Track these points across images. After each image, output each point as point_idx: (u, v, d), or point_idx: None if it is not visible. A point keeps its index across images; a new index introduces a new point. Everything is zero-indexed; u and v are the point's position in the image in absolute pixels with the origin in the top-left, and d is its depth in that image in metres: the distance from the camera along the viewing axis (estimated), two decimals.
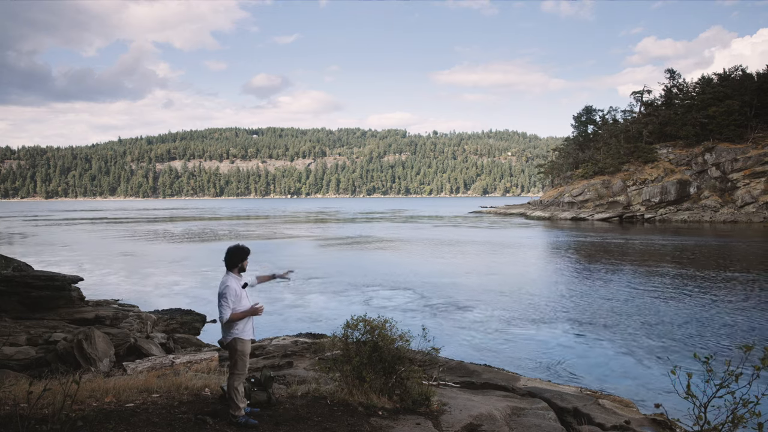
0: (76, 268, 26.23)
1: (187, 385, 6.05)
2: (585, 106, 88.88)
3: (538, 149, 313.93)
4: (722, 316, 15.23)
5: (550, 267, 26.30)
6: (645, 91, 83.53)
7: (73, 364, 8.48)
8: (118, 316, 11.15)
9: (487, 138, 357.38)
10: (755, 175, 61.72)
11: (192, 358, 8.88)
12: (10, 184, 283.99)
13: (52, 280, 10.74)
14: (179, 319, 13.64)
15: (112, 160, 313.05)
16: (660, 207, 64.86)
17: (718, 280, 21.19)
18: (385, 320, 6.10)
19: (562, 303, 17.53)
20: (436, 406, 5.90)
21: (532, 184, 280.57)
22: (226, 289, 5.01)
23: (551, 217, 70.36)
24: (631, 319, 15.19)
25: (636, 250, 32.18)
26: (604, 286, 20.47)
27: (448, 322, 15.16)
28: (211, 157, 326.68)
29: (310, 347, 10.24)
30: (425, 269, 25.54)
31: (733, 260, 27.29)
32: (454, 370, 8.75)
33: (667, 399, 8.56)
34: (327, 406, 5.58)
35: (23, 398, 4.99)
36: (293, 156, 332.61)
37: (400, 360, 5.95)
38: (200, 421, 4.95)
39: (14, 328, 9.44)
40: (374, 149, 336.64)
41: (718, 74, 78.28)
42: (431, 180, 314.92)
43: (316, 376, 7.51)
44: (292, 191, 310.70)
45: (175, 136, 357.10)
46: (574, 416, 6.47)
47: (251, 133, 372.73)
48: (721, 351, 11.84)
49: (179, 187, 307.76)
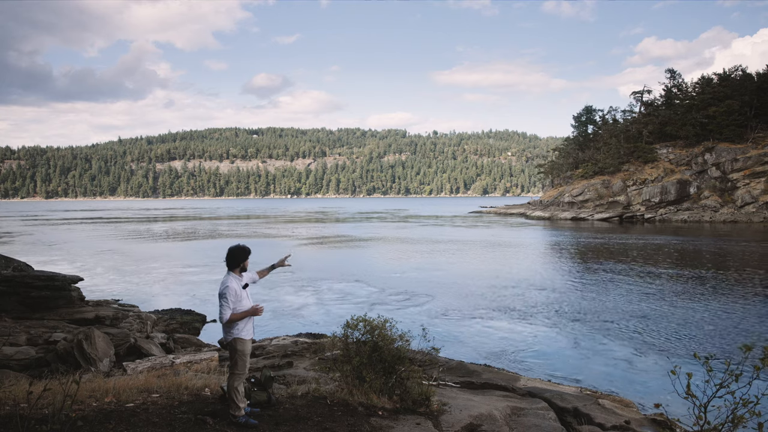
0: (76, 268, 26.23)
1: (187, 385, 6.04)
2: (585, 106, 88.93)
3: (538, 149, 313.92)
4: (722, 316, 15.22)
5: (550, 267, 26.29)
6: (645, 91, 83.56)
7: (73, 364, 8.48)
8: (118, 316, 11.14)
9: (487, 138, 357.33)
10: (755, 175, 61.72)
11: (192, 358, 8.88)
12: (10, 184, 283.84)
13: (52, 280, 10.74)
14: (179, 319, 13.64)
15: (112, 160, 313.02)
16: (660, 207, 64.85)
17: (718, 280, 21.18)
18: (385, 320, 6.11)
19: (563, 303, 17.53)
20: (436, 406, 5.90)
21: (532, 184, 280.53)
22: (227, 290, 5.01)
23: (551, 217, 70.35)
24: (631, 319, 15.19)
25: (636, 251, 32.17)
26: (604, 286, 20.47)
27: (448, 322, 15.16)
28: (211, 157, 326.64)
29: (310, 347, 10.24)
30: (425, 269, 25.53)
31: (733, 260, 27.28)
32: (454, 370, 8.76)
33: (667, 399, 8.56)
34: (327, 406, 5.58)
35: (23, 398, 4.99)
36: (293, 156, 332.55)
37: (400, 360, 5.95)
38: (200, 421, 4.95)
39: (14, 328, 9.44)
40: (374, 149, 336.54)
41: (718, 74, 78.28)
42: (431, 180, 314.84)
43: (316, 376, 7.51)
44: (292, 191, 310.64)
45: (175, 136, 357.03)
46: (574, 416, 6.47)
47: (251, 133, 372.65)
48: (721, 351, 11.83)
49: (179, 187, 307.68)
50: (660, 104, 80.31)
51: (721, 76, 77.46)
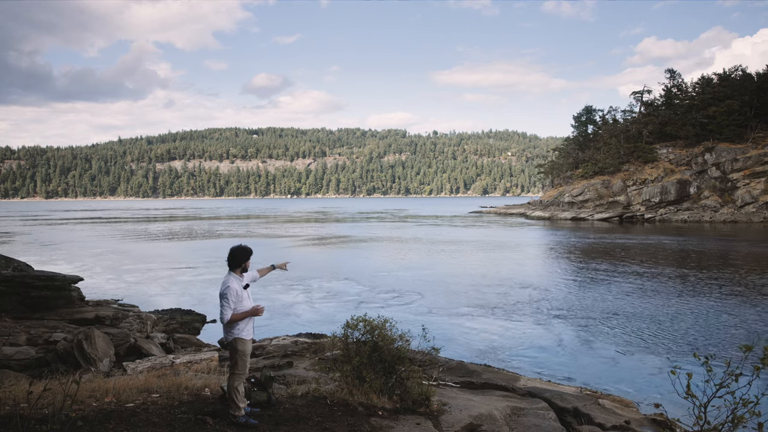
0: (76, 268, 26.23)
1: (187, 385, 6.05)
2: (585, 106, 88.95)
3: (538, 149, 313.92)
4: (722, 316, 15.22)
5: (550, 267, 26.29)
6: (645, 91, 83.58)
7: (73, 364, 8.48)
8: (118, 316, 11.14)
9: (487, 138, 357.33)
10: (755, 175, 61.73)
11: (192, 358, 8.88)
12: (10, 184, 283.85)
13: (52, 280, 10.74)
14: (179, 319, 13.64)
15: (112, 160, 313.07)
16: (660, 207, 64.86)
17: (718, 280, 21.18)
18: (385, 320, 6.10)
19: (562, 303, 17.53)
20: (436, 406, 5.90)
21: (532, 184, 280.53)
22: (227, 290, 5.02)
23: (551, 217, 70.35)
24: (631, 319, 15.19)
25: (636, 250, 32.17)
26: (603, 286, 20.47)
27: (448, 322, 15.16)
28: (211, 157, 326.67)
29: (310, 347, 10.24)
30: (425, 269, 25.54)
31: (733, 260, 27.28)
32: (454, 370, 8.75)
33: (667, 399, 8.56)
34: (327, 406, 5.58)
35: (23, 398, 4.99)
36: (293, 156, 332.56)
37: (400, 360, 5.95)
38: (200, 421, 4.95)
39: (14, 328, 9.44)
40: (374, 149, 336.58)
41: (718, 74, 78.29)
42: (431, 180, 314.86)
43: (316, 376, 7.51)
44: (292, 191, 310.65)
45: (175, 136, 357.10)
46: (574, 416, 6.47)
47: (251, 133, 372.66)
48: (721, 351, 11.83)
49: (179, 187, 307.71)
50: (660, 104, 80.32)
51: (721, 76, 77.47)
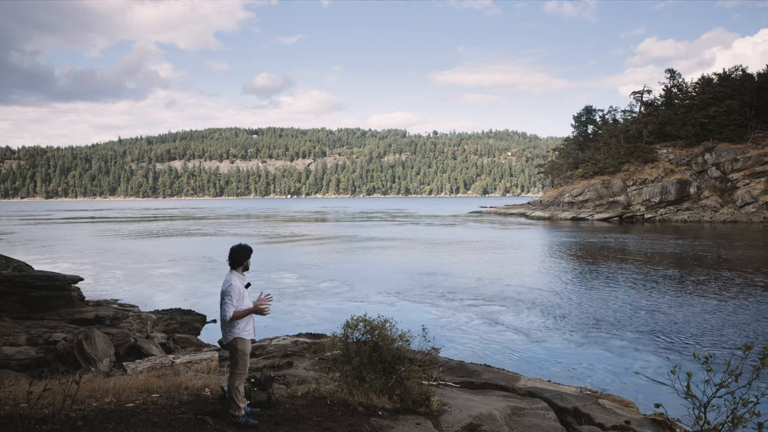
0: (76, 268, 26.23)
1: (187, 385, 6.05)
2: (585, 106, 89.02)
3: (538, 149, 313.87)
4: (722, 316, 15.22)
5: (550, 267, 26.29)
6: (645, 91, 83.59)
7: (73, 364, 8.48)
8: (118, 316, 11.14)
9: (487, 138, 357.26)
10: (755, 175, 61.72)
11: (192, 358, 8.88)
12: (10, 184, 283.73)
13: (52, 280, 10.74)
14: (179, 319, 13.64)
15: (112, 160, 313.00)
16: (660, 207, 64.86)
17: (718, 280, 21.18)
18: (385, 320, 6.10)
19: (562, 303, 17.53)
20: (436, 406, 5.90)
21: (532, 184, 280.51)
22: (230, 287, 5.02)
23: (551, 217, 70.35)
24: (631, 319, 15.19)
25: (636, 251, 32.17)
26: (603, 286, 20.47)
27: (448, 322, 15.16)
28: (211, 157, 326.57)
29: (310, 347, 10.24)
30: (425, 269, 25.53)
31: (733, 260, 27.28)
32: (454, 370, 8.75)
33: (667, 399, 8.56)
34: (327, 406, 5.58)
35: (23, 398, 4.99)
36: (293, 156, 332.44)
37: (400, 360, 5.95)
38: (200, 421, 4.95)
39: (14, 328, 9.44)
40: (374, 149, 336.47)
41: (718, 74, 78.26)
42: (431, 180, 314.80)
43: (316, 376, 7.51)
44: (292, 191, 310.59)
45: (175, 136, 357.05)
46: (574, 416, 6.47)
47: (251, 133, 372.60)
48: (721, 351, 11.84)
49: (179, 187, 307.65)
50: (660, 104, 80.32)
51: (721, 76, 77.45)
